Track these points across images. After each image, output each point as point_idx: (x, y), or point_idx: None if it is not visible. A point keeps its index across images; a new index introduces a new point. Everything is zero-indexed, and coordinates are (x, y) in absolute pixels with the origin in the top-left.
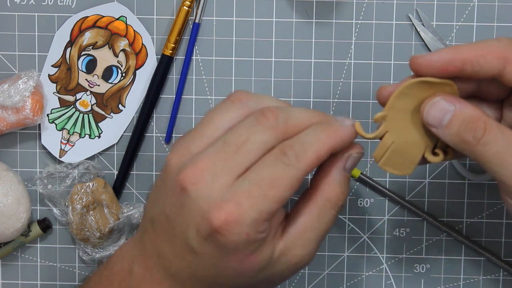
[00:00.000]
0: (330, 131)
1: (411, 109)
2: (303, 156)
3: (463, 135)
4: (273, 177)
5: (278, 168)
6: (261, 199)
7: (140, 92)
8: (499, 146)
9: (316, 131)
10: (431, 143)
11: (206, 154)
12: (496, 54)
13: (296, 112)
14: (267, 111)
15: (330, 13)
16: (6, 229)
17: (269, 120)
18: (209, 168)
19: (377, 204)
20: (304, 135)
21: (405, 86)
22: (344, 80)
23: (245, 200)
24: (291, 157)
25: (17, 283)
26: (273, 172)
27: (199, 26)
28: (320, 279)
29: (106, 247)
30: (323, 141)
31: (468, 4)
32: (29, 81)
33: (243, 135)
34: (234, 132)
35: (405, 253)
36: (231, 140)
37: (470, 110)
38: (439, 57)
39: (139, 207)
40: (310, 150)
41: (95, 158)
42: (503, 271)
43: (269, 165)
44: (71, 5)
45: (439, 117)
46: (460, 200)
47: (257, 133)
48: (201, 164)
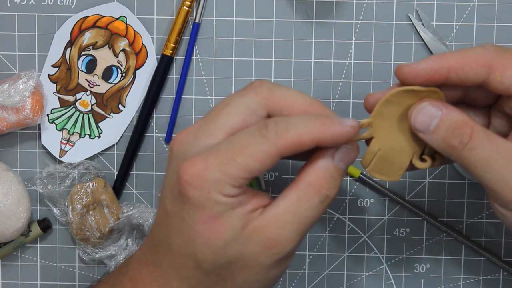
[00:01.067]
0: (324, 122)
1: (398, 116)
2: (282, 133)
3: (450, 140)
4: (245, 144)
5: (254, 138)
6: (228, 161)
7: (140, 92)
8: (485, 151)
9: (309, 118)
10: (419, 149)
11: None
12: (481, 62)
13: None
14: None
15: (330, 13)
16: (6, 229)
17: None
18: (194, 131)
19: (377, 204)
20: (295, 117)
21: (391, 94)
22: (344, 80)
23: (213, 158)
24: (270, 131)
25: (17, 283)
26: (248, 140)
27: (199, 26)
28: (320, 279)
29: (106, 247)
30: (310, 128)
31: (468, 4)
32: (29, 81)
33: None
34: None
35: (405, 253)
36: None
37: (457, 115)
38: (424, 66)
39: (139, 207)
40: (293, 130)
41: (95, 158)
42: (503, 271)
43: (247, 132)
44: (71, 5)
45: (426, 122)
46: (460, 200)
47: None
48: (189, 128)
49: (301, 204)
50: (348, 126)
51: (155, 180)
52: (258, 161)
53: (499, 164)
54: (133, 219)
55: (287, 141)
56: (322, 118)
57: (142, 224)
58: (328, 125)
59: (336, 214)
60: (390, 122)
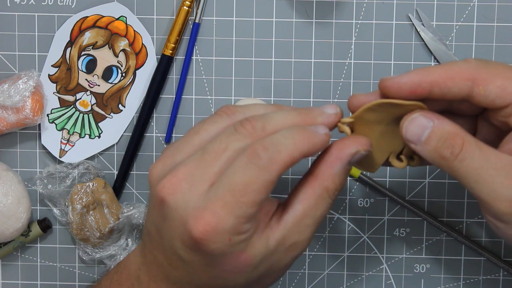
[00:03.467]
0: (305, 135)
1: (378, 121)
2: (277, 158)
3: (441, 151)
4: (246, 182)
5: (251, 171)
6: (236, 206)
7: (140, 92)
8: (476, 162)
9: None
10: (397, 149)
11: (185, 164)
12: (464, 76)
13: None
14: (245, 120)
15: (330, 13)
16: (6, 229)
17: (246, 129)
18: (186, 177)
19: (377, 204)
20: (279, 136)
21: (375, 104)
22: (344, 80)
23: (221, 209)
24: (264, 160)
25: (17, 283)
26: (246, 176)
27: (199, 26)
28: (320, 279)
29: (106, 247)
30: (296, 144)
31: (468, 4)
32: (29, 81)
33: (222, 144)
34: (213, 142)
35: (405, 253)
36: (210, 149)
37: (448, 126)
38: (407, 80)
39: (139, 207)
40: (284, 152)
41: (95, 158)
42: (503, 271)
43: (242, 167)
44: (71, 5)
45: (417, 133)
46: (460, 200)
47: (236, 141)
48: (178, 174)
49: (318, 207)
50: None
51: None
52: (263, 192)
53: (490, 175)
54: (133, 219)
55: (282, 164)
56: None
57: (142, 224)
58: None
59: (336, 214)
60: (371, 125)
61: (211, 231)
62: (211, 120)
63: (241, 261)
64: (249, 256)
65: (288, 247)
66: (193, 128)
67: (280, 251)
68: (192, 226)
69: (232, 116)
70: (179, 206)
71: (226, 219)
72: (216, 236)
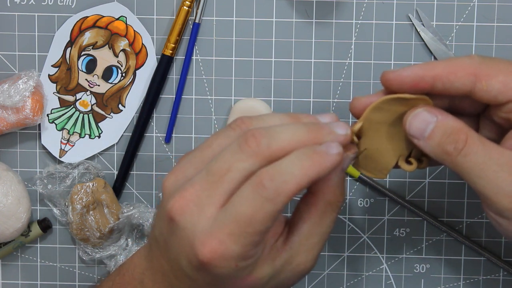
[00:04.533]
0: (315, 159)
1: (385, 121)
2: (283, 188)
3: (445, 146)
4: (251, 214)
5: (256, 202)
6: (242, 235)
7: (140, 92)
8: (479, 157)
9: (299, 159)
10: (405, 152)
11: (192, 184)
12: (466, 71)
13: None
14: (250, 137)
15: (330, 13)
16: (6, 229)
17: (251, 147)
18: (194, 199)
19: (377, 204)
20: (286, 163)
21: (381, 101)
22: (344, 80)
23: (227, 238)
24: (270, 190)
25: (17, 283)
26: (251, 207)
27: (199, 26)
28: (320, 279)
29: (106, 247)
30: (305, 171)
31: (468, 4)
32: (29, 81)
33: (226, 164)
34: (217, 161)
35: (405, 253)
36: (214, 168)
37: (452, 121)
38: (409, 73)
39: (139, 207)
40: (291, 182)
41: (95, 158)
42: (503, 271)
43: (248, 198)
44: (71, 5)
45: (421, 128)
46: (460, 200)
47: (240, 161)
48: (186, 194)
49: (323, 223)
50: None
51: (155, 180)
52: (269, 222)
53: (493, 170)
54: (133, 219)
55: (289, 194)
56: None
57: (142, 224)
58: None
59: None
60: (378, 126)
61: (218, 257)
62: (224, 134)
63: (248, 283)
64: (256, 278)
65: (295, 267)
66: (207, 140)
67: (287, 270)
68: (198, 250)
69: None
70: (187, 227)
71: (232, 247)
72: (222, 262)
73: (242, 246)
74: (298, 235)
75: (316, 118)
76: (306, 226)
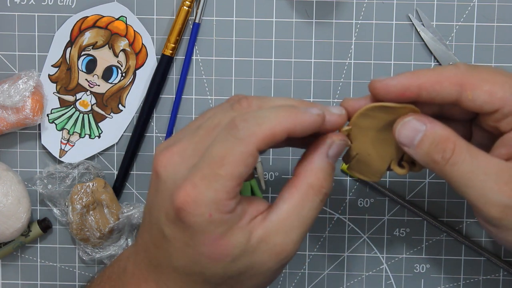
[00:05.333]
0: (291, 112)
1: (373, 127)
2: (255, 130)
3: (433, 155)
4: (222, 154)
5: (228, 143)
6: (214, 178)
7: (140, 92)
8: (466, 166)
9: (277, 109)
10: (397, 156)
11: (180, 139)
12: (451, 81)
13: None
14: (243, 98)
15: (330, 13)
16: (6, 229)
17: (242, 105)
18: (179, 151)
19: (377, 204)
20: (263, 110)
21: (366, 108)
22: (344, 80)
23: (200, 181)
24: (242, 130)
25: (17, 283)
26: (223, 148)
27: (199, 26)
28: (320, 279)
29: (106, 247)
30: (281, 119)
31: (468, 4)
32: (29, 81)
33: (216, 119)
34: (208, 119)
35: (405, 253)
36: (204, 125)
37: (440, 130)
38: (396, 82)
39: (139, 207)
40: (265, 125)
41: (95, 158)
42: (503, 271)
43: (220, 140)
44: (71, 5)
45: (410, 136)
46: (460, 200)
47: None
48: (173, 148)
49: (304, 205)
50: (315, 115)
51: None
52: (241, 165)
53: (480, 180)
54: (133, 219)
55: (261, 137)
56: (290, 109)
57: None
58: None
59: (336, 214)
60: (367, 132)
61: (191, 202)
62: (220, 106)
63: (219, 247)
64: (228, 243)
65: (272, 247)
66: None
67: (263, 251)
68: (174, 196)
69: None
70: (169, 178)
71: (204, 191)
72: (196, 208)
73: (214, 191)
74: (277, 214)
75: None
76: (285, 206)
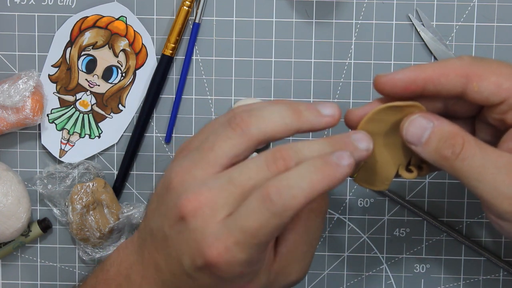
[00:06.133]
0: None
1: (381, 132)
2: (291, 203)
3: (442, 151)
4: (257, 227)
5: (263, 216)
6: (247, 245)
7: (140, 92)
8: (477, 161)
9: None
10: (404, 161)
11: (209, 188)
12: (457, 73)
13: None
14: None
15: (330, 13)
16: (6, 229)
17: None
18: (209, 203)
19: (377, 204)
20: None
21: (374, 112)
22: (344, 80)
23: (233, 246)
24: (277, 206)
25: (17, 283)
26: (258, 221)
27: (199, 26)
28: (320, 279)
29: (106, 247)
30: (314, 185)
31: (468, 4)
32: (29, 81)
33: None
34: (243, 173)
35: (405, 253)
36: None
37: (448, 126)
38: (401, 76)
39: (139, 207)
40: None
41: (95, 158)
42: (503, 271)
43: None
44: (71, 5)
45: (418, 134)
46: (460, 200)
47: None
48: (202, 197)
49: (309, 231)
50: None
51: (155, 180)
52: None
53: (491, 173)
54: (133, 219)
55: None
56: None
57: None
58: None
59: (336, 214)
60: (374, 137)
61: (224, 263)
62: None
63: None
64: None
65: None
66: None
67: (280, 281)
68: (206, 253)
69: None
70: (197, 229)
71: (238, 255)
72: (228, 267)
73: (247, 254)
74: (286, 246)
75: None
76: (292, 236)
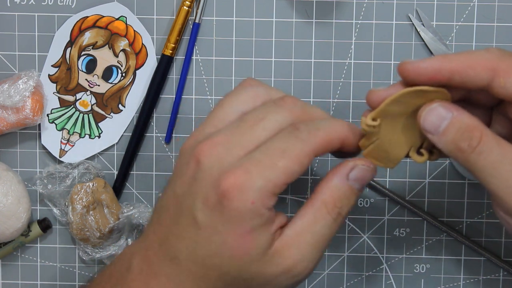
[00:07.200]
0: (345, 124)
1: (402, 113)
2: (314, 133)
3: (459, 142)
4: (284, 147)
5: (290, 140)
6: (270, 168)
7: (140, 92)
8: (493, 155)
9: (330, 119)
10: (417, 143)
11: (222, 132)
12: (485, 65)
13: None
14: (287, 97)
15: (330, 13)
16: (6, 229)
17: (287, 103)
18: (223, 142)
19: (377, 204)
20: (318, 120)
21: (400, 94)
22: (344, 80)
23: (254, 168)
24: (303, 132)
25: (17, 283)
26: (284, 143)
27: (199, 26)
28: (320, 279)
29: (106, 247)
30: (335, 128)
31: (468, 4)
32: (29, 81)
33: (261, 114)
34: (252, 112)
35: (405, 253)
36: (247, 118)
37: (467, 118)
38: (428, 65)
39: (139, 207)
40: (322, 130)
41: (95, 158)
42: (503, 271)
43: (282, 137)
44: (71, 5)
45: (435, 123)
46: (460, 200)
47: (274, 113)
48: (216, 139)
49: (317, 222)
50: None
51: (155, 180)
52: (298, 162)
53: (506, 170)
54: (133, 219)
55: (319, 140)
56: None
57: (142, 224)
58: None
59: None
60: (393, 117)
61: (240, 185)
62: (235, 93)
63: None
64: (252, 241)
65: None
66: (218, 103)
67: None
68: (221, 181)
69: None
70: (213, 166)
71: (256, 177)
72: (241, 194)
73: (265, 179)
74: (291, 229)
75: None
76: (300, 222)
